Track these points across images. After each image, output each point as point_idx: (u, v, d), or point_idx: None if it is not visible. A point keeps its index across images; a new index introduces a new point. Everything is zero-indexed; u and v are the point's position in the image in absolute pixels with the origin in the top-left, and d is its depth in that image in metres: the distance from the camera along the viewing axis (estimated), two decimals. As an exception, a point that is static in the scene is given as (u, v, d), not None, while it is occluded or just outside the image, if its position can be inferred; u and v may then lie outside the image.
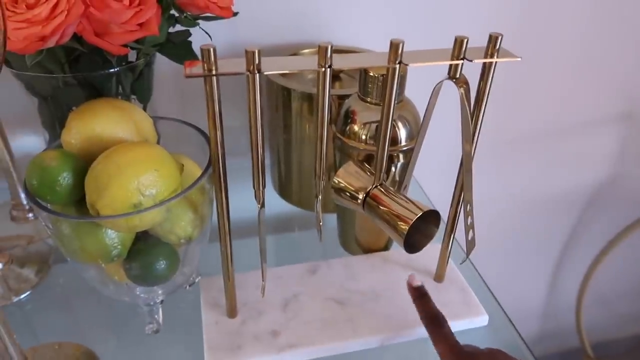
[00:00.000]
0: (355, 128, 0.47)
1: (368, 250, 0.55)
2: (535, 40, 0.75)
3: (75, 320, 0.50)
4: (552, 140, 0.88)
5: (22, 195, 0.56)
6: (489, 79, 0.39)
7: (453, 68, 0.38)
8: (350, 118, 0.47)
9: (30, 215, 0.57)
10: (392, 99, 0.39)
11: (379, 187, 0.44)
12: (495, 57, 0.37)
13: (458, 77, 0.38)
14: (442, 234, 0.47)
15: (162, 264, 0.40)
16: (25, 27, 0.35)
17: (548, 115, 0.85)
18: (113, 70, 0.44)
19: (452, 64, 0.37)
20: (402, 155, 0.48)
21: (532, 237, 1.03)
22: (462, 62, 0.37)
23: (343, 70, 0.60)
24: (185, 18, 0.46)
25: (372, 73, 0.45)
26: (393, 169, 0.48)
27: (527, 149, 0.88)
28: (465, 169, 0.42)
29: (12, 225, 0.57)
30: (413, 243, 0.42)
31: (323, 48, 0.34)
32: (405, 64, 0.36)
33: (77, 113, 0.40)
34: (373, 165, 0.44)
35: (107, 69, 0.44)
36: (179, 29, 0.47)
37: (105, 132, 0.39)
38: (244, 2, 0.53)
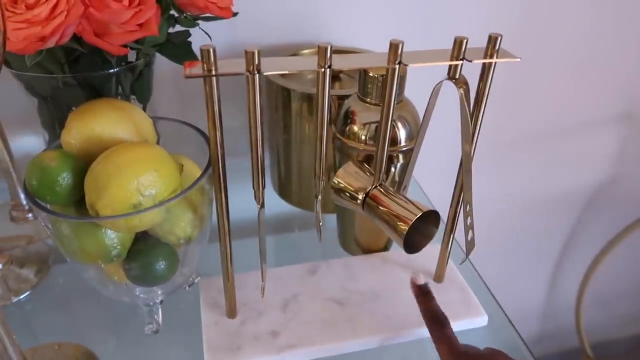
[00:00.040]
0: (355, 128, 0.47)
1: (368, 251, 0.55)
2: (535, 41, 0.75)
3: (75, 321, 0.50)
4: (552, 140, 0.88)
5: (21, 196, 0.56)
6: (489, 80, 0.39)
7: (453, 68, 0.38)
8: (350, 118, 0.47)
9: (30, 216, 0.57)
10: (391, 100, 0.39)
11: (379, 187, 0.44)
12: (495, 57, 0.37)
13: (457, 77, 0.38)
14: (441, 234, 0.47)
15: (161, 265, 0.40)
16: (25, 27, 0.35)
17: (548, 116, 0.85)
18: (113, 71, 0.44)
19: (451, 65, 0.37)
20: (401, 156, 0.48)
21: (531, 237, 1.03)
22: (461, 62, 0.37)
23: (343, 71, 0.60)
24: (185, 18, 0.46)
25: (371, 73, 0.45)
26: (393, 170, 0.48)
27: (526, 149, 0.88)
28: (465, 169, 0.42)
29: (11, 226, 0.57)
30: (412, 243, 0.42)
31: (323, 48, 0.34)
32: (405, 65, 0.36)
33: (76, 113, 0.40)
34: (373, 166, 0.44)
35: (106, 69, 0.44)
36: (179, 29, 0.47)
37: (105, 132, 0.39)
38: (244, 2, 0.53)
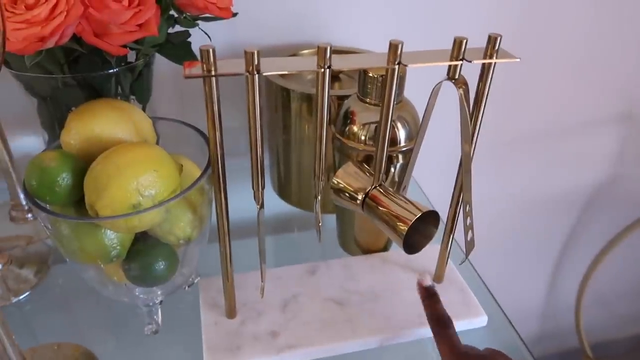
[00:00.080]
0: (355, 129, 0.47)
1: (367, 251, 0.55)
2: (535, 41, 0.75)
3: (75, 321, 0.50)
4: (551, 141, 0.88)
5: (21, 196, 0.56)
6: (488, 80, 0.39)
7: (452, 69, 0.38)
8: (350, 119, 0.47)
9: (30, 216, 0.57)
10: (391, 100, 0.39)
11: (378, 187, 0.44)
12: (495, 57, 0.37)
13: (457, 77, 0.38)
14: (441, 235, 0.47)
15: (161, 265, 0.40)
16: (25, 27, 0.35)
17: (548, 116, 0.85)
18: (112, 71, 0.44)
19: (451, 65, 0.37)
20: (401, 156, 0.48)
21: (531, 237, 1.02)
22: (461, 62, 0.37)
23: (342, 71, 0.60)
24: (185, 19, 0.46)
25: (371, 74, 0.45)
26: (392, 170, 0.48)
27: (526, 150, 0.88)
28: (465, 170, 0.42)
29: (11, 226, 0.57)
30: (412, 244, 0.42)
31: (322, 49, 0.34)
32: (405, 65, 0.36)
33: (76, 114, 0.40)
34: (372, 166, 0.44)
35: (106, 70, 0.44)
36: (179, 30, 0.47)
37: (105, 132, 0.39)
38: (244, 2, 0.53)
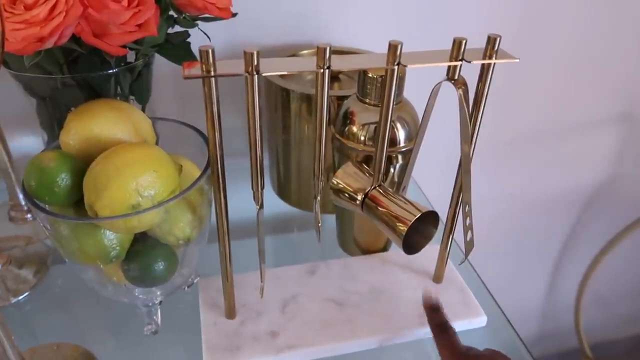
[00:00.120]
0: (354, 129, 0.47)
1: (367, 251, 0.55)
2: (535, 41, 0.75)
3: (74, 321, 0.50)
4: (551, 141, 0.88)
5: (20, 196, 0.56)
6: (488, 80, 0.39)
7: (451, 69, 0.38)
8: (349, 119, 0.47)
9: (29, 216, 0.57)
10: (390, 100, 0.39)
11: (378, 188, 0.44)
12: (494, 58, 0.37)
13: (457, 78, 0.38)
14: (440, 235, 0.47)
15: (160, 265, 0.40)
16: (24, 28, 0.35)
17: (548, 116, 0.85)
18: (111, 71, 0.44)
19: (450, 65, 0.37)
20: (400, 156, 0.48)
21: (531, 237, 1.03)
22: (460, 63, 0.37)
23: (342, 72, 0.60)
24: (184, 19, 0.46)
25: (370, 74, 0.45)
26: (392, 170, 0.48)
27: (526, 150, 0.88)
28: (464, 170, 0.42)
29: (10, 226, 0.57)
30: (412, 244, 0.42)
31: (322, 49, 0.34)
32: (404, 65, 0.36)
33: (75, 114, 0.40)
34: (372, 166, 0.44)
35: (105, 70, 0.43)
36: (178, 30, 0.47)
37: (104, 133, 0.39)
38: (243, 3, 0.53)
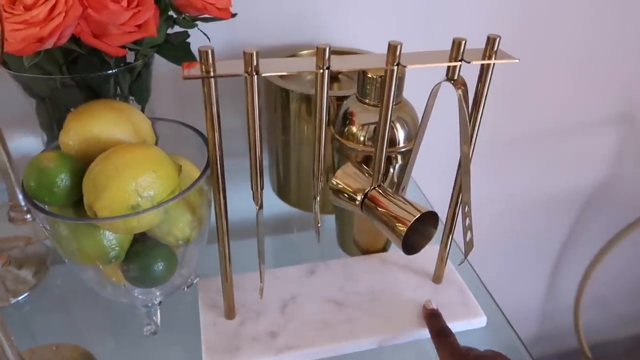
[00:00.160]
0: (354, 129, 0.47)
1: (366, 252, 0.55)
2: (535, 41, 0.75)
3: (73, 322, 0.50)
4: (551, 141, 0.88)
5: (19, 197, 0.56)
6: (487, 81, 0.39)
7: (451, 70, 0.38)
8: (349, 119, 0.47)
9: (28, 217, 0.57)
10: (390, 101, 0.39)
11: (377, 188, 0.44)
12: (493, 58, 0.37)
13: (456, 78, 0.38)
14: (440, 235, 0.47)
15: (160, 266, 0.40)
16: (23, 28, 0.35)
17: (547, 116, 0.85)
18: (111, 72, 0.44)
19: (450, 66, 0.37)
20: (400, 157, 0.48)
21: (530, 237, 1.03)
22: (460, 63, 0.37)
23: (341, 72, 0.60)
24: (184, 19, 0.46)
25: (370, 74, 0.45)
26: (391, 171, 0.48)
27: (526, 150, 0.88)
28: (464, 170, 0.42)
29: (9, 227, 0.57)
30: (411, 244, 0.42)
31: (321, 49, 0.34)
32: (404, 66, 0.36)
33: (75, 114, 0.40)
34: (371, 167, 0.44)
35: (105, 70, 0.43)
36: (178, 30, 0.47)
37: (103, 133, 0.39)
38: (243, 3, 0.53)
